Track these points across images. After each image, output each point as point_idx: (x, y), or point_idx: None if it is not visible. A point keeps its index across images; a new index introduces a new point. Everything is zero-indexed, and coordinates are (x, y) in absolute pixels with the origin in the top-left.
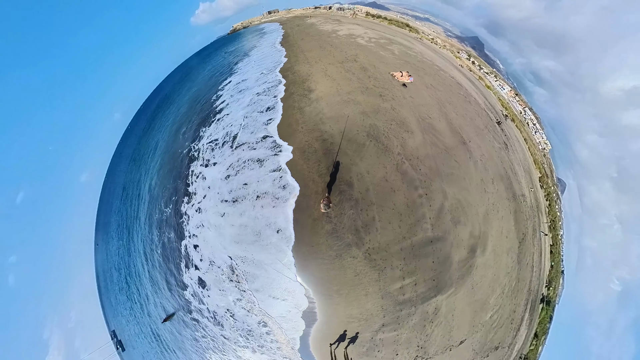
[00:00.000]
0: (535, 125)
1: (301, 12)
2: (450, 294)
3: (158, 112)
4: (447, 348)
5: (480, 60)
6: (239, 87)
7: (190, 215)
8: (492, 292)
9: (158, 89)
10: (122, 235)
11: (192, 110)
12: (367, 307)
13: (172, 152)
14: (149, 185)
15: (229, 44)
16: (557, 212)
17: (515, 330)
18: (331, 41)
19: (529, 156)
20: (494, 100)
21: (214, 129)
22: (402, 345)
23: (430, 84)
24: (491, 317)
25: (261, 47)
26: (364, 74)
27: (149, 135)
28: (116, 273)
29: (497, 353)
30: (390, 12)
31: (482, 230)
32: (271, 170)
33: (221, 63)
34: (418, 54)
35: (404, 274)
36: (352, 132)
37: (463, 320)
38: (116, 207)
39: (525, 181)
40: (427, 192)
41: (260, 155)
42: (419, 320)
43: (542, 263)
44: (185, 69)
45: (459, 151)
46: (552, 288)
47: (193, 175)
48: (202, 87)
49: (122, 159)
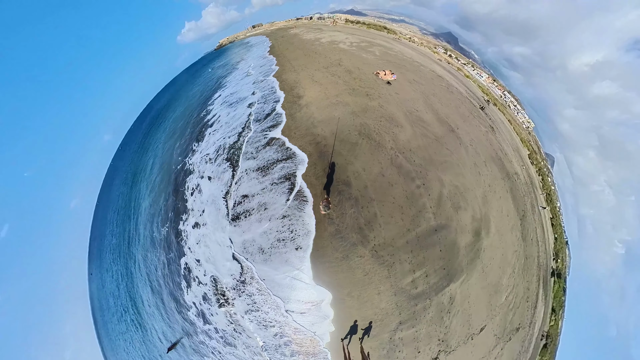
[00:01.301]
0: (516, 106)
1: (284, 24)
2: (463, 280)
3: (149, 131)
4: (468, 337)
5: (456, 52)
6: (231, 99)
7: (188, 232)
8: (503, 273)
9: (148, 108)
10: (117, 261)
11: (184, 126)
12: (381, 306)
13: (166, 169)
14: (144, 205)
15: (216, 59)
16: (551, 186)
17: (532, 308)
18: (315, 49)
19: (515, 136)
20: (474, 88)
21: (206, 143)
22: (423, 342)
23: (413, 80)
24: (506, 298)
25: (250, 59)
26: (349, 76)
27: (141, 155)
28: (113, 301)
29: (519, 334)
30: (368, 18)
31: (483, 213)
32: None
33: (210, 77)
34: (398, 53)
35: (413, 267)
36: (344, 132)
37: (479, 305)
38: (110, 232)
39: (516, 160)
40: (424, 182)
41: (264, 164)
42: (435, 313)
43: (546, 237)
44: (175, 86)
45: (449, 139)
46: (560, 260)
47: (188, 190)
48: (192, 102)
49: (114, 181)
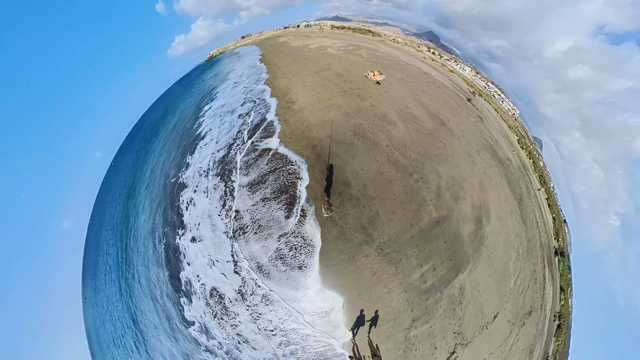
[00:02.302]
0: (500, 95)
1: (272, 33)
2: (470, 269)
3: (142, 145)
4: (482, 327)
5: (439, 50)
6: (222, 110)
7: (186, 247)
8: (508, 258)
9: (140, 122)
10: (113, 282)
11: (177, 139)
12: (392, 305)
13: (161, 183)
14: (140, 221)
15: (207, 71)
16: (543, 167)
17: (541, 290)
18: (304, 55)
19: (503, 123)
20: (459, 82)
21: (198, 156)
22: (438, 337)
23: (401, 78)
24: (515, 282)
25: (241, 68)
26: (340, 79)
27: (135, 170)
28: (111, 325)
29: (532, 317)
30: (352, 23)
31: (482, 200)
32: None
33: (201, 89)
34: (384, 54)
35: (420, 261)
36: (339, 134)
37: (490, 293)
38: (105, 252)
39: (507, 146)
40: (422, 176)
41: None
42: (447, 305)
43: (545, 217)
44: (167, 99)
45: (441, 132)
46: (561, 239)
47: (183, 204)
48: (184, 115)
49: (108, 198)
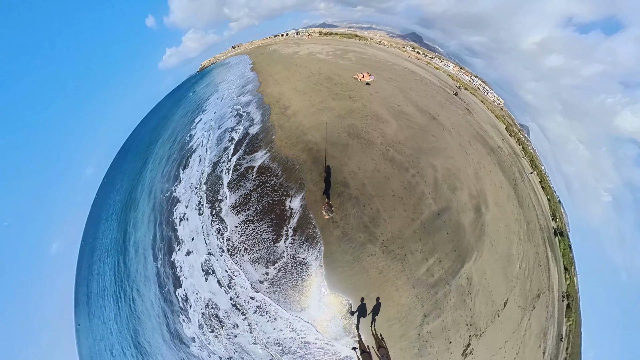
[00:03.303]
0: (485, 87)
1: (262, 42)
2: (475, 258)
3: (135, 160)
4: (494, 315)
5: (423, 49)
6: (212, 122)
7: (182, 262)
8: (511, 243)
9: (132, 136)
10: (108, 303)
11: (169, 152)
12: (402, 302)
13: (155, 198)
14: (134, 238)
15: (199, 82)
16: (532, 152)
17: (546, 271)
18: (295, 61)
19: (490, 113)
20: (445, 77)
21: (190, 170)
22: (452, 330)
23: (389, 78)
24: (520, 266)
25: (232, 78)
26: (331, 82)
27: (128, 185)
28: (108, 352)
29: (542, 300)
30: (339, 28)
31: (479, 188)
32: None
33: (192, 101)
34: (372, 56)
35: (425, 255)
36: (334, 135)
37: (497, 280)
38: (98, 272)
39: (496, 134)
40: (418, 171)
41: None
42: (457, 297)
43: (540, 200)
44: (159, 113)
45: (432, 126)
46: (559, 219)
47: (177, 219)
48: (176, 128)
49: (100, 216)
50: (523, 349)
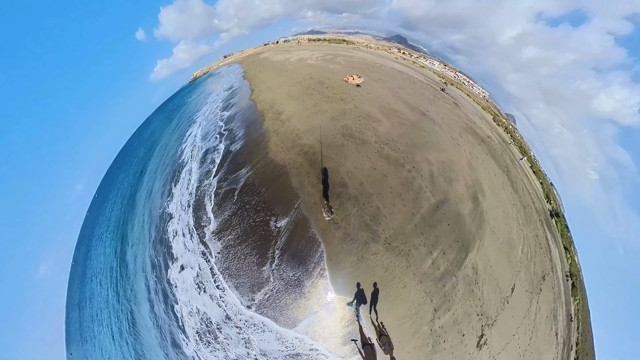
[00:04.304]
0: (469, 82)
1: (253, 51)
2: (478, 247)
3: (128, 174)
4: (503, 302)
5: (408, 50)
6: (203, 134)
7: (177, 279)
8: (510, 228)
9: (124, 149)
10: (103, 330)
11: (162, 166)
12: (410, 299)
13: (150, 214)
14: (129, 256)
15: (191, 92)
16: (520, 139)
17: (548, 253)
18: (286, 68)
19: (476, 106)
20: (431, 75)
21: (180, 186)
22: (464, 322)
23: (378, 79)
24: (522, 250)
25: (223, 87)
26: (322, 86)
27: (121, 201)
28: None
29: (547, 282)
30: (327, 34)
31: (474, 178)
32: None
33: (184, 112)
34: (360, 59)
35: (429, 248)
36: (329, 137)
37: (502, 266)
38: (91, 294)
39: (484, 125)
40: (414, 166)
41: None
42: (465, 287)
43: (533, 183)
44: (151, 125)
45: (423, 122)
46: (553, 201)
47: (171, 235)
48: (168, 140)
49: (93, 234)
50: (535, 333)
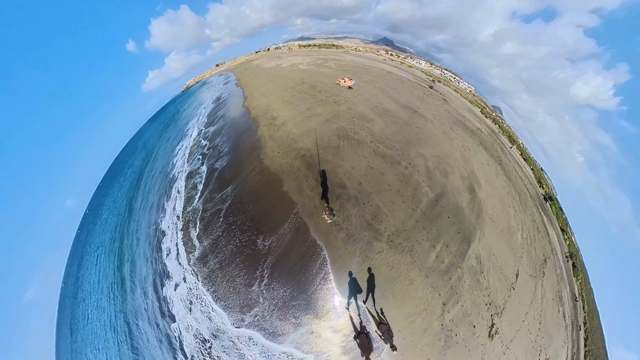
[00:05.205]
0: (456, 78)
1: (245, 59)
2: (479, 236)
3: (121, 188)
4: (509, 289)
5: (396, 51)
6: (193, 147)
7: (172, 297)
8: (508, 215)
9: (117, 162)
10: (96, 351)
11: (154, 181)
12: (418, 295)
13: (144, 231)
14: (124, 273)
15: (183, 102)
16: (508, 129)
17: (546, 236)
18: (278, 73)
19: (464, 100)
20: (419, 74)
21: (172, 202)
22: (473, 313)
23: (369, 80)
24: (522, 236)
25: (215, 96)
26: (315, 90)
27: (113, 216)
28: None
29: (549, 265)
30: (317, 40)
31: (468, 170)
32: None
33: (176, 123)
34: (350, 62)
35: (432, 242)
36: (324, 139)
37: (504, 254)
38: (84, 317)
39: (473, 118)
40: (409, 162)
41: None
42: (471, 278)
43: (524, 171)
44: (144, 137)
45: (415, 119)
46: (545, 186)
47: (164, 253)
48: (160, 153)
49: (85, 252)
50: (544, 317)
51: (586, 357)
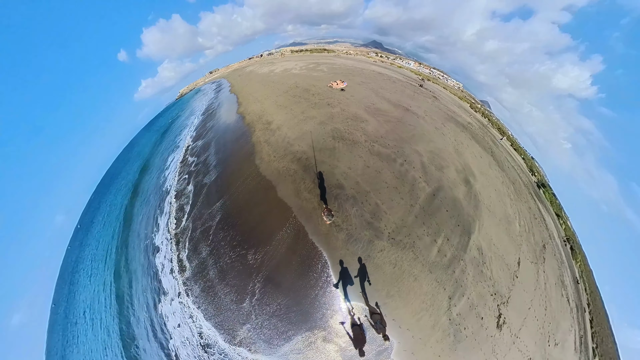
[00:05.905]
0: (444, 76)
1: (238, 65)
2: (479, 227)
3: (114, 201)
4: (512, 277)
5: (385, 53)
6: (184, 159)
7: (167, 313)
8: (505, 205)
9: (109, 174)
10: None
11: (147, 194)
12: (423, 291)
13: (137, 246)
14: (120, 288)
15: (177, 110)
16: (497, 121)
17: (543, 222)
18: (271, 79)
19: (453, 96)
20: (408, 73)
21: (165, 216)
22: (480, 305)
23: (361, 82)
24: (520, 224)
25: (209, 103)
26: (308, 93)
27: (106, 230)
28: None
29: (548, 250)
30: (308, 45)
31: (462, 163)
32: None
33: (169, 133)
34: (341, 65)
35: (432, 237)
36: (320, 141)
37: (504, 243)
38: (76, 340)
39: (463, 113)
40: (405, 159)
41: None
42: (474, 270)
43: (516, 160)
44: (137, 147)
45: (407, 117)
46: (537, 173)
47: (159, 268)
48: (154, 164)
49: (76, 271)
50: (549, 302)
51: (593, 338)
